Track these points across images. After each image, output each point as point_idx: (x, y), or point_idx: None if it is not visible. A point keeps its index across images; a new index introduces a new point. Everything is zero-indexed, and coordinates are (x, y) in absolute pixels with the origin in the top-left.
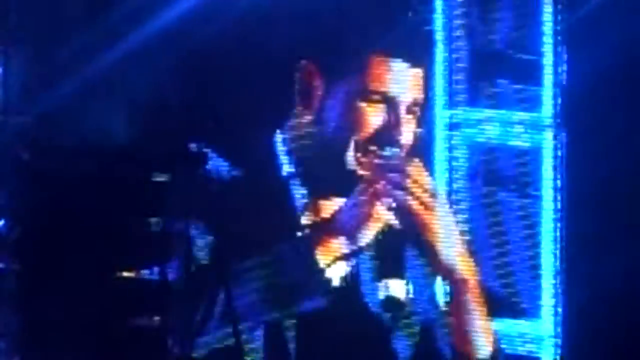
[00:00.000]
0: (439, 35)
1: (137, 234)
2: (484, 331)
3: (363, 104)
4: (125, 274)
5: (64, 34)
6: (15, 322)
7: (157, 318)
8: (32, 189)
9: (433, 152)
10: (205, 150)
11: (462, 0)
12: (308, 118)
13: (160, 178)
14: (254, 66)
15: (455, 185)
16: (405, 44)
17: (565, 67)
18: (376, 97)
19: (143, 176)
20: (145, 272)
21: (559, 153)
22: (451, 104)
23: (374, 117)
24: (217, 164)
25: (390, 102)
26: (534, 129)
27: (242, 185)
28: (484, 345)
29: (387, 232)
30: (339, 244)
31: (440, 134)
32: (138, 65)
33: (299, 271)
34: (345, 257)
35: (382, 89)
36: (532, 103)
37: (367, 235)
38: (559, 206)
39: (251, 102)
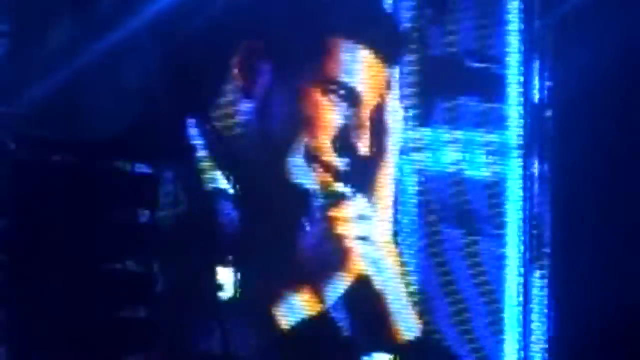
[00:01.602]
0: None
1: (124, 225)
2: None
3: (321, 97)
4: (111, 265)
5: (49, 26)
6: (1, 312)
7: (144, 310)
8: (19, 180)
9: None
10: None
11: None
12: (247, 105)
13: (147, 170)
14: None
15: (401, 222)
16: (378, 34)
17: (536, 81)
18: (339, 90)
19: (130, 168)
20: (132, 264)
21: (528, 184)
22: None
23: (334, 114)
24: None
25: (354, 99)
26: (498, 155)
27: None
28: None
29: (363, 284)
30: (303, 301)
31: None
32: (123, 57)
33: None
34: (313, 319)
35: (348, 82)
36: (495, 123)
37: (338, 287)
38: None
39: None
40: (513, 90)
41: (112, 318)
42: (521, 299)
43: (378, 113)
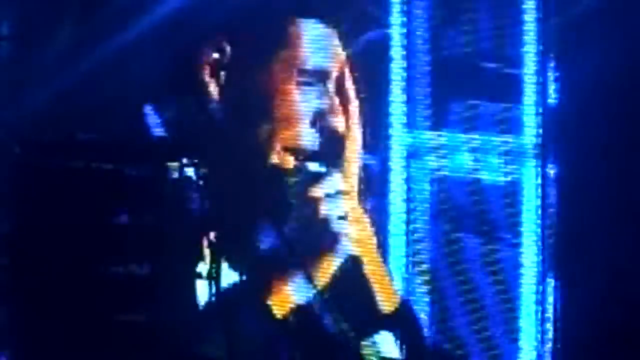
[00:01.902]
0: (397, 43)
1: (126, 228)
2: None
3: (290, 85)
4: (113, 268)
5: (52, 32)
6: (4, 315)
7: (143, 312)
8: (23, 184)
9: (388, 186)
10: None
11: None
12: (215, 97)
13: (150, 173)
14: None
15: (414, 227)
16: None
17: (552, 83)
18: (308, 74)
19: (134, 171)
20: (133, 266)
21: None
22: (411, 126)
23: (305, 97)
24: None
25: (322, 78)
26: (513, 158)
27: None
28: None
29: (351, 266)
30: (294, 287)
31: (397, 163)
32: (123, 61)
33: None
34: (308, 306)
35: (315, 64)
36: (510, 126)
37: (327, 271)
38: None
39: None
40: (529, 92)
41: (113, 321)
42: (539, 307)
43: (340, 85)
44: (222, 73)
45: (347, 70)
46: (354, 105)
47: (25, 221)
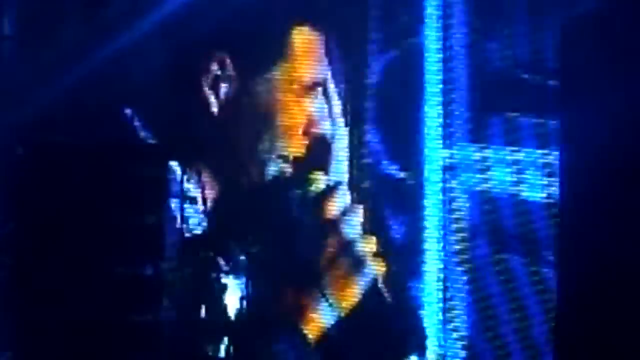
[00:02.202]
0: (432, 52)
1: (130, 228)
2: None
3: (289, 95)
4: (118, 269)
5: (57, 32)
6: (7, 317)
7: (150, 313)
8: (26, 185)
9: (423, 202)
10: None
11: (462, 9)
12: (214, 110)
13: (154, 173)
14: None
15: (451, 245)
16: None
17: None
18: (302, 85)
19: (137, 171)
20: (138, 267)
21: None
22: (447, 141)
23: (301, 108)
24: None
25: (315, 86)
26: (553, 174)
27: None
28: None
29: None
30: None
31: (433, 178)
32: (128, 62)
33: None
34: (335, 329)
35: (307, 74)
36: (550, 141)
37: (350, 296)
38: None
39: None
40: None
41: (118, 322)
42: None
43: (324, 87)
44: (223, 85)
45: (329, 75)
46: (338, 107)
47: (28, 221)
